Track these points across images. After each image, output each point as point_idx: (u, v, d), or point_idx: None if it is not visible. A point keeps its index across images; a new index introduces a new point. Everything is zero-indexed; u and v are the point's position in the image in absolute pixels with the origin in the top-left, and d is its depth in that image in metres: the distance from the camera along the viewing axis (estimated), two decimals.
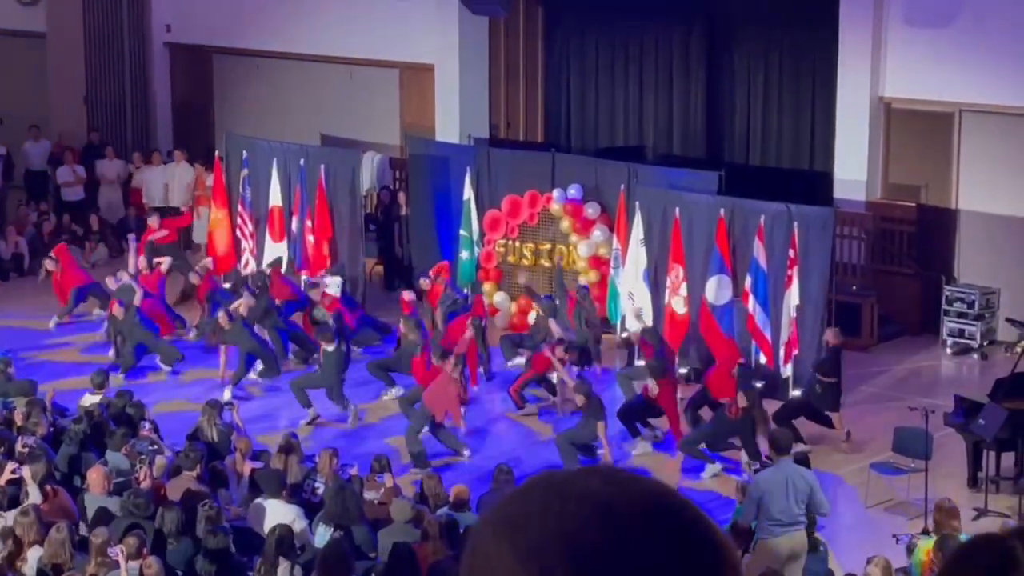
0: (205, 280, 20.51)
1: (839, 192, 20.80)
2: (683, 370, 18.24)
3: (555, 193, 20.61)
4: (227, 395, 17.65)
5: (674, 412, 16.31)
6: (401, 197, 23.46)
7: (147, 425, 14.60)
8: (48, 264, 21.10)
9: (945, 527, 11.67)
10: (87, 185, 26.04)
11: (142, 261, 20.68)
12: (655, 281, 18.65)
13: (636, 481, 1.74)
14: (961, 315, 19.79)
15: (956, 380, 18.73)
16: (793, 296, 17.36)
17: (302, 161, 21.85)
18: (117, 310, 18.86)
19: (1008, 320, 19.62)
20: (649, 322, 18.33)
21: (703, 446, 15.78)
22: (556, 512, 1.69)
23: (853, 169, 20.87)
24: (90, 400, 15.57)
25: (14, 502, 12.27)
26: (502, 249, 21.15)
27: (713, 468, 15.82)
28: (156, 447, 14.04)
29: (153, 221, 22.20)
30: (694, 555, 1.69)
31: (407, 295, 19.00)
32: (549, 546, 1.67)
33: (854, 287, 19.97)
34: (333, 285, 19.96)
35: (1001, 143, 20.01)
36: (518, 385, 17.70)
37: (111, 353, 19.18)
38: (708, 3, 23.16)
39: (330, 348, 17.16)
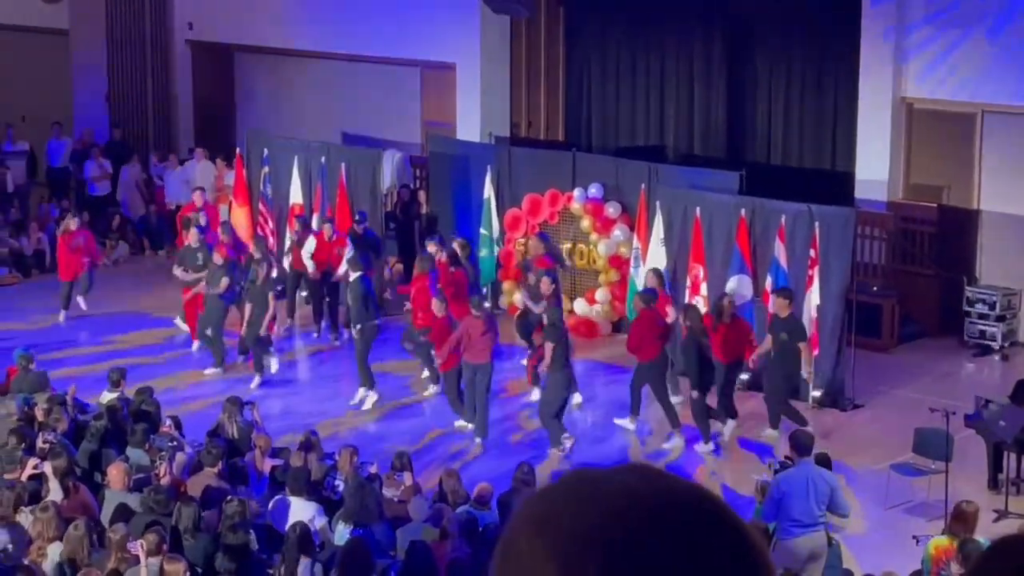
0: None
1: (860, 192, 20.75)
2: None
3: (576, 192, 20.60)
4: (255, 384, 18.36)
5: (636, 335, 16.67)
6: (421, 195, 23.48)
7: (168, 421, 14.64)
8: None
9: (961, 532, 11.60)
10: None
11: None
12: (675, 280, 18.64)
13: (669, 479, 1.73)
14: (982, 316, 19.72)
15: (977, 381, 18.67)
16: (814, 296, 17.33)
17: (323, 159, 21.90)
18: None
19: None
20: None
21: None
22: (588, 509, 1.68)
23: (874, 169, 20.82)
24: (108, 397, 15.60)
25: (35, 497, 12.31)
26: (522, 248, 21.14)
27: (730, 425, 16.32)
28: (176, 443, 14.07)
29: (197, 198, 22.14)
30: (726, 556, 1.68)
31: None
32: (581, 543, 1.66)
33: (875, 287, 19.92)
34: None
35: (1023, 144, 19.94)
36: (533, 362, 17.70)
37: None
38: (730, 2, 23.11)
39: (355, 275, 17.86)
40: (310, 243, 20.40)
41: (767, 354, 16.70)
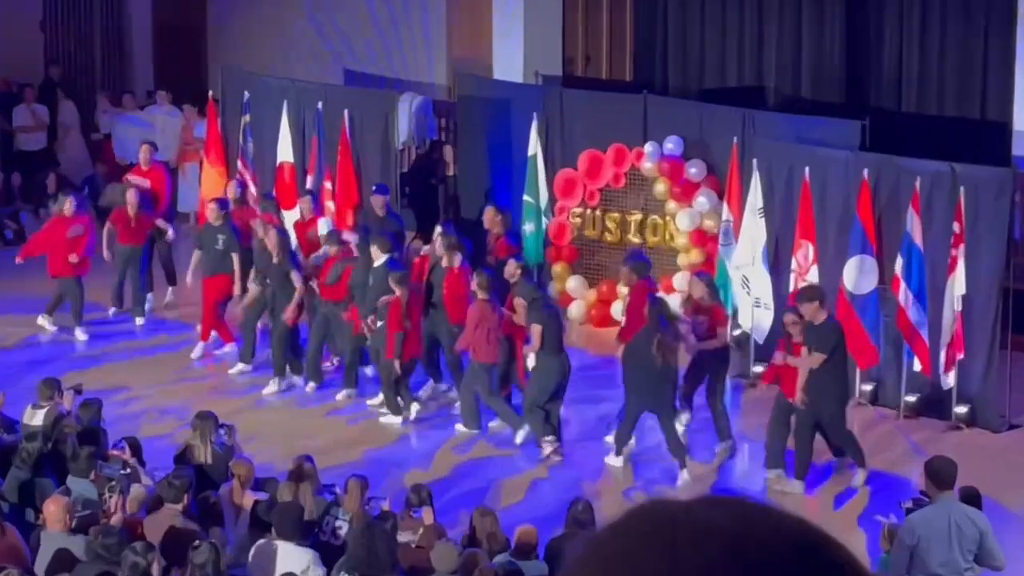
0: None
1: (1019, 149, 20.68)
2: None
3: (648, 148, 20.61)
4: (310, 388, 19.11)
5: (634, 313, 17.02)
6: (448, 152, 23.53)
7: (122, 444, 14.68)
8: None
9: None
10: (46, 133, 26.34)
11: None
12: (777, 262, 18.62)
13: (768, 514, 1.73)
14: None
15: None
16: (958, 284, 17.28)
17: (320, 104, 21.95)
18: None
19: None
20: (770, 315, 18.35)
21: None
22: (668, 551, 1.68)
23: None
24: (36, 415, 15.47)
25: None
26: (578, 220, 21.15)
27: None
28: (130, 471, 14.12)
29: (143, 155, 21.99)
30: None
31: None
32: None
33: None
34: None
35: None
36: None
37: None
38: None
39: (379, 261, 18.08)
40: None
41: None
